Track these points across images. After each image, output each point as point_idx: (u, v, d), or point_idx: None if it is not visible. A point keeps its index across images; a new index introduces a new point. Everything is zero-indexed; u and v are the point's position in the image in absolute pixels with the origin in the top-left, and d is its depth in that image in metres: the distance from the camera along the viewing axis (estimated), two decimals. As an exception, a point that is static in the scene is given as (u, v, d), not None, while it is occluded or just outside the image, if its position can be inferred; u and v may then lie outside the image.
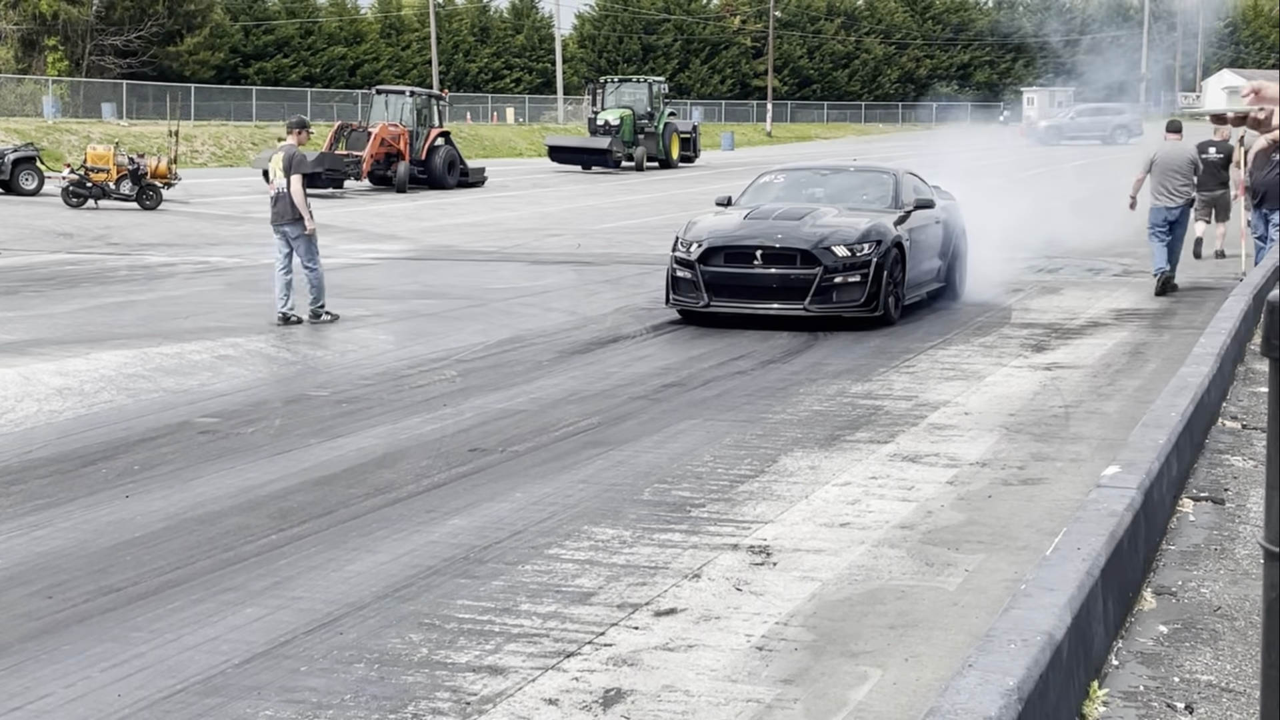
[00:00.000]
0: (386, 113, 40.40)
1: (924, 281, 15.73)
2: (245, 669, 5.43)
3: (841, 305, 14.12)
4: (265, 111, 63.44)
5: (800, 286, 14.09)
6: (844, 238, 14.21)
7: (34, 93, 59.41)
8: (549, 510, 7.71)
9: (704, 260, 14.43)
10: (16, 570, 6.64)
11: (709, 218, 15.37)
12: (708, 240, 14.53)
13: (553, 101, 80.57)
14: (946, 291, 16.53)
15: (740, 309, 14.29)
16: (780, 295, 14.15)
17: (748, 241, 14.34)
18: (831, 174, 16.97)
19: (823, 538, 7.20)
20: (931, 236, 15.80)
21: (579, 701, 5.14)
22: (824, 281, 14.04)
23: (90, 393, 10.92)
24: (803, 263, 14.09)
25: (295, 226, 14.86)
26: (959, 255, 16.82)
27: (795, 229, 14.37)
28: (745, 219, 14.88)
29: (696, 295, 14.46)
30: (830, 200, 15.61)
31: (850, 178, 16.57)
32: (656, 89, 52.60)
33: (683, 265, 14.58)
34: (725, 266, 14.35)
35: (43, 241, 24.39)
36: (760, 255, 14.20)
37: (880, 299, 14.20)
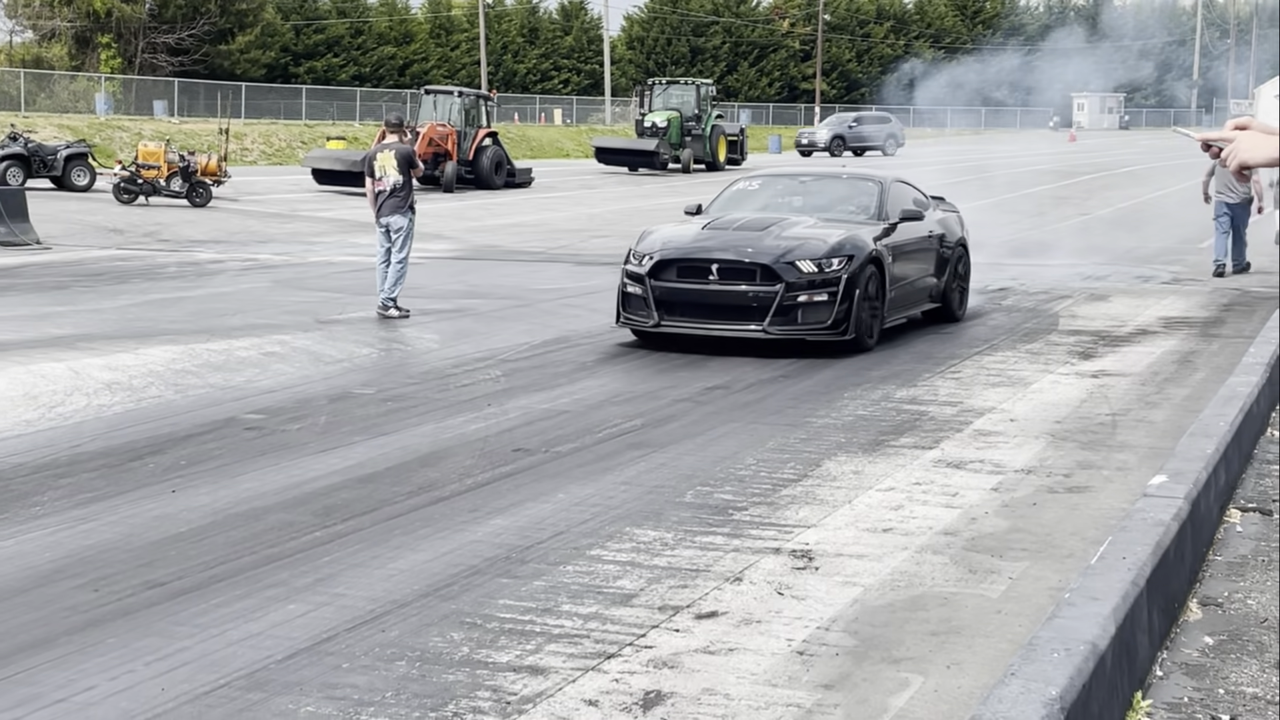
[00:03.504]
0: (435, 113, 40.55)
1: (913, 301, 14.44)
2: (288, 665, 5.46)
3: (806, 327, 12.66)
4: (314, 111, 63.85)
5: (759, 305, 12.65)
6: (811, 251, 12.80)
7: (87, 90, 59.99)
8: (591, 511, 7.71)
9: (655, 274, 13.01)
10: (63, 563, 6.70)
11: (667, 227, 14.06)
12: (659, 252, 13.13)
13: (600, 103, 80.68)
14: (943, 313, 15.22)
15: (692, 329, 12.89)
16: (737, 315, 12.72)
17: (702, 254, 12.96)
18: (813, 181, 15.52)
19: (865, 543, 7.18)
20: (923, 251, 14.56)
21: (619, 703, 5.14)
22: (786, 300, 12.59)
23: (138, 388, 11.01)
24: (763, 279, 12.65)
25: (399, 218, 15.27)
26: (958, 273, 15.48)
27: (756, 241, 12.99)
28: (704, 229, 13.54)
29: (647, 313, 13.06)
30: (808, 210, 14.33)
31: (833, 186, 15.15)
32: (704, 91, 52.57)
33: (633, 279, 13.20)
34: (678, 281, 12.94)
35: (94, 237, 24.61)
36: (716, 270, 12.80)
37: (851, 321, 12.74)
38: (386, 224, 15.36)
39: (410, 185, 15.44)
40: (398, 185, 15.33)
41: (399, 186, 15.33)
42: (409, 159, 15.43)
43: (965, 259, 15.68)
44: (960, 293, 15.53)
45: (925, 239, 14.58)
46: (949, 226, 15.38)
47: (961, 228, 15.78)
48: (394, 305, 15.28)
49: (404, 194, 15.36)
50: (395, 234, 15.32)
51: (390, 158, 15.34)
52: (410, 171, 15.43)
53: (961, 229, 15.75)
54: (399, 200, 15.34)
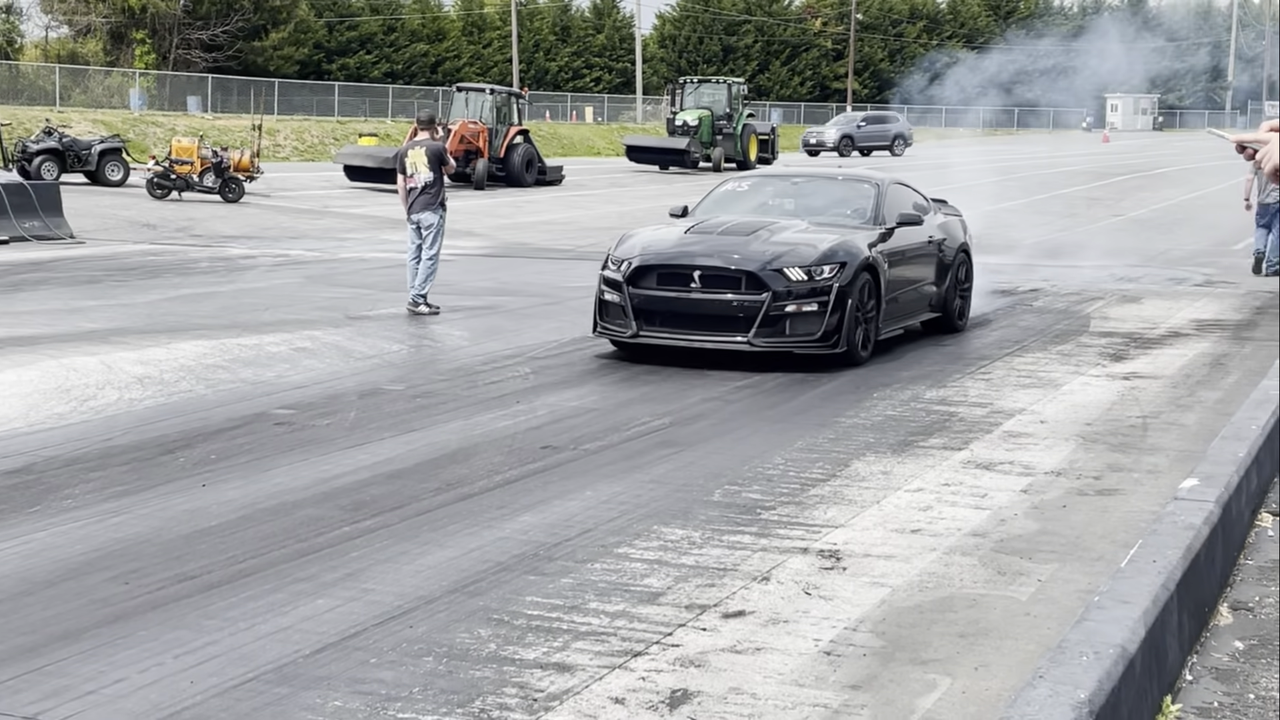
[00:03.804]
0: (466, 110, 40.61)
1: (910, 311, 13.65)
2: (315, 659, 5.48)
3: (794, 339, 11.90)
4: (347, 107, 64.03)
5: (744, 315, 11.87)
6: (800, 258, 12.00)
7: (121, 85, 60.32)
8: (619, 509, 7.72)
9: (633, 281, 12.21)
10: (94, 556, 6.74)
11: (647, 231, 13.24)
12: (638, 257, 12.30)
13: (632, 101, 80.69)
14: (943, 322, 14.41)
15: (672, 340, 12.07)
16: (720, 325, 11.94)
17: (684, 260, 12.13)
18: (805, 183, 14.72)
19: (894, 543, 7.16)
20: (922, 258, 13.77)
21: (645, 701, 5.14)
22: (773, 310, 11.82)
23: (170, 382, 11.06)
24: (748, 287, 11.87)
25: (430, 214, 15.36)
26: (961, 280, 14.67)
27: (742, 247, 12.19)
28: (687, 233, 12.72)
29: (624, 323, 12.25)
30: (801, 213, 13.51)
31: (826, 188, 14.33)
32: (735, 90, 52.51)
33: (610, 286, 12.40)
34: (658, 289, 12.13)
35: (127, 232, 24.74)
36: (699, 277, 11.99)
37: (843, 332, 11.98)
38: (417, 220, 15.41)
39: (441, 182, 15.48)
40: (429, 182, 15.38)
41: (430, 183, 15.38)
42: (440, 156, 15.48)
43: (968, 266, 14.92)
44: (962, 301, 14.76)
45: (924, 245, 13.80)
46: (950, 231, 14.61)
47: (964, 232, 15.07)
48: (424, 302, 15.32)
49: (435, 191, 15.41)
50: (426, 231, 15.37)
51: (421, 155, 15.40)
52: (441, 169, 15.47)
53: (964, 234, 15.03)
54: (430, 197, 15.39)
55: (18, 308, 15.16)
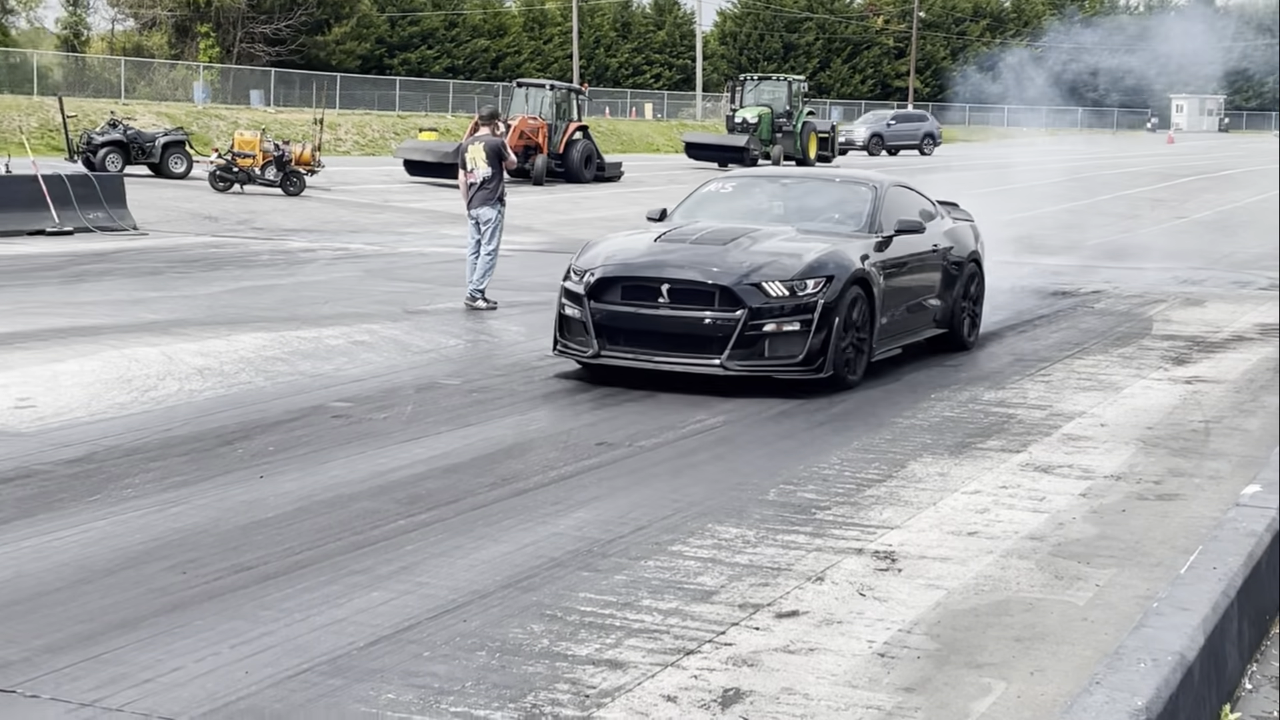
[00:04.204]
0: (526, 106, 40.70)
1: (911, 327, 12.45)
2: (369, 651, 5.50)
3: (773, 362, 10.70)
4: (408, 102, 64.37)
5: (716, 335, 10.68)
6: (781, 271, 10.80)
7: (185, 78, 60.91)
8: (673, 506, 7.71)
9: (595, 294, 11.03)
10: (153, 545, 6.80)
11: (616, 237, 12.22)
12: (601, 268, 11.12)
13: (691, 98, 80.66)
14: (950, 339, 13.15)
15: (637, 361, 10.86)
16: (690, 345, 10.75)
17: (650, 272, 10.94)
18: (796, 184, 13.41)
19: (950, 546, 7.12)
20: (925, 268, 12.56)
21: (698, 700, 5.13)
22: (749, 329, 10.62)
23: (229, 373, 11.15)
24: (722, 302, 10.68)
25: (488, 210, 15.43)
26: (970, 292, 13.39)
27: (717, 257, 10.96)
28: (657, 241, 11.50)
29: (585, 341, 11.11)
30: (789, 219, 12.28)
31: (819, 190, 13.08)
32: (796, 87, 52.37)
33: (571, 300, 11.23)
34: (622, 304, 10.96)
35: (189, 224, 24.96)
36: (667, 291, 10.80)
37: (828, 355, 10.76)
38: (476, 216, 15.48)
39: (500, 178, 15.53)
40: (487, 177, 15.44)
41: (489, 179, 15.44)
42: (498, 152, 15.53)
43: (978, 277, 13.65)
44: (971, 316, 13.49)
45: (928, 254, 12.58)
46: (959, 238, 13.36)
47: (975, 240, 13.80)
48: (482, 297, 15.37)
49: (493, 186, 15.47)
50: (484, 226, 15.43)
51: (480, 150, 15.46)
52: (500, 164, 15.51)
53: (975, 241, 13.76)
54: (488, 192, 15.45)
55: (81, 298, 15.33)
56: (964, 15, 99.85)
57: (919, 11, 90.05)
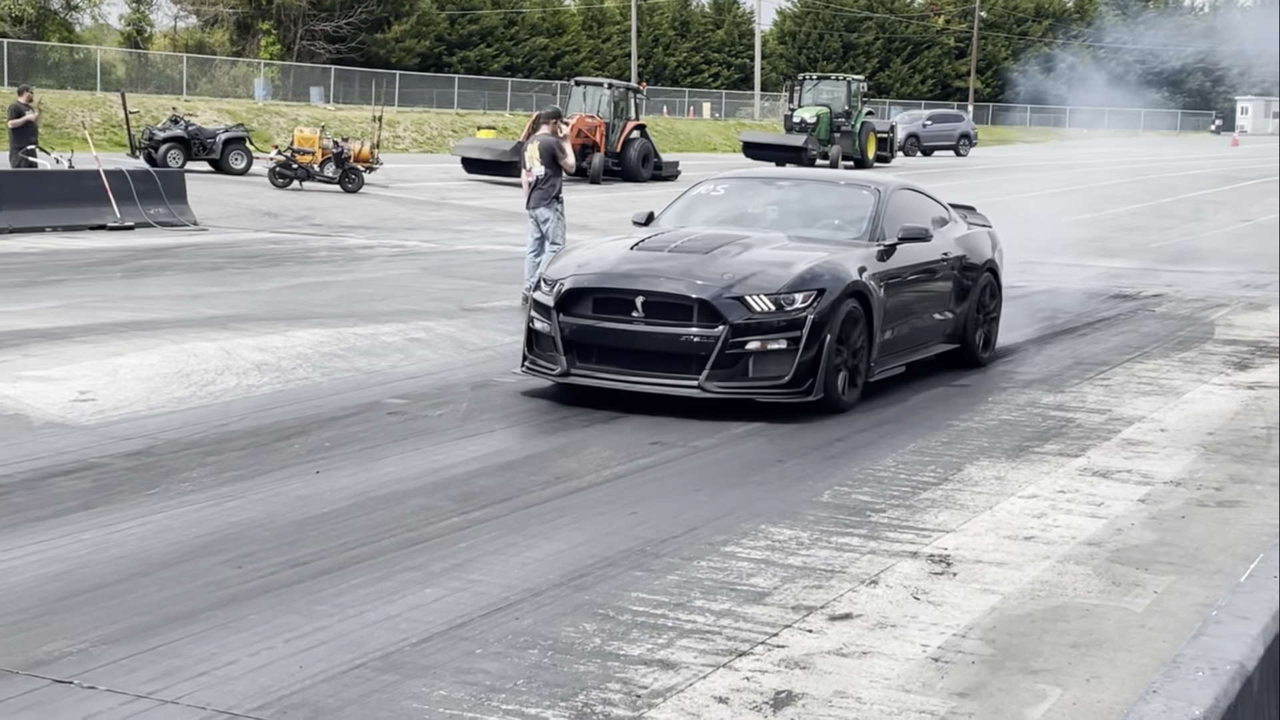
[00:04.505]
0: (584, 104, 40.77)
1: (917, 342, 11.55)
2: (422, 648, 5.52)
3: (756, 384, 9.86)
4: (466, 100, 64.62)
5: (695, 353, 9.84)
6: (768, 283, 9.94)
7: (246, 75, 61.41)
8: (727, 507, 7.69)
9: (565, 307, 10.20)
10: (209, 539, 6.84)
11: (592, 245, 11.47)
12: (571, 278, 10.29)
13: (750, 97, 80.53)
14: (962, 354, 12.24)
15: (608, 381, 10.02)
16: (666, 364, 9.90)
17: (623, 283, 10.09)
18: (792, 187, 12.41)
19: (1006, 550, 7.06)
20: (933, 278, 11.68)
21: (749, 701, 5.11)
22: (730, 347, 9.77)
23: (287, 369, 11.22)
24: (702, 317, 9.82)
25: (544, 209, 15.53)
26: (985, 304, 12.45)
27: (698, 268, 10.11)
28: (633, 249, 10.60)
29: (554, 358, 10.28)
30: (783, 225, 11.42)
31: (817, 194, 12.18)
32: (855, 87, 52.19)
33: (540, 312, 10.41)
34: (593, 318, 10.12)
35: (248, 220, 25.16)
36: (641, 304, 9.93)
37: (818, 376, 9.90)
38: (534, 215, 15.55)
39: (556, 177, 15.56)
40: (541, 177, 15.51)
41: (543, 178, 15.50)
42: (550, 151, 15.56)
43: (994, 287, 12.66)
44: (986, 329, 12.53)
45: (937, 263, 11.69)
46: (973, 246, 12.43)
47: (992, 247, 12.83)
48: None
49: (548, 186, 15.50)
50: (542, 224, 15.50)
51: (535, 149, 15.54)
52: (555, 164, 15.53)
53: (991, 249, 12.81)
54: (543, 192, 15.51)
55: (142, 292, 15.47)
56: (1025, 15, 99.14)
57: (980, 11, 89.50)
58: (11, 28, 57.89)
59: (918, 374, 11.80)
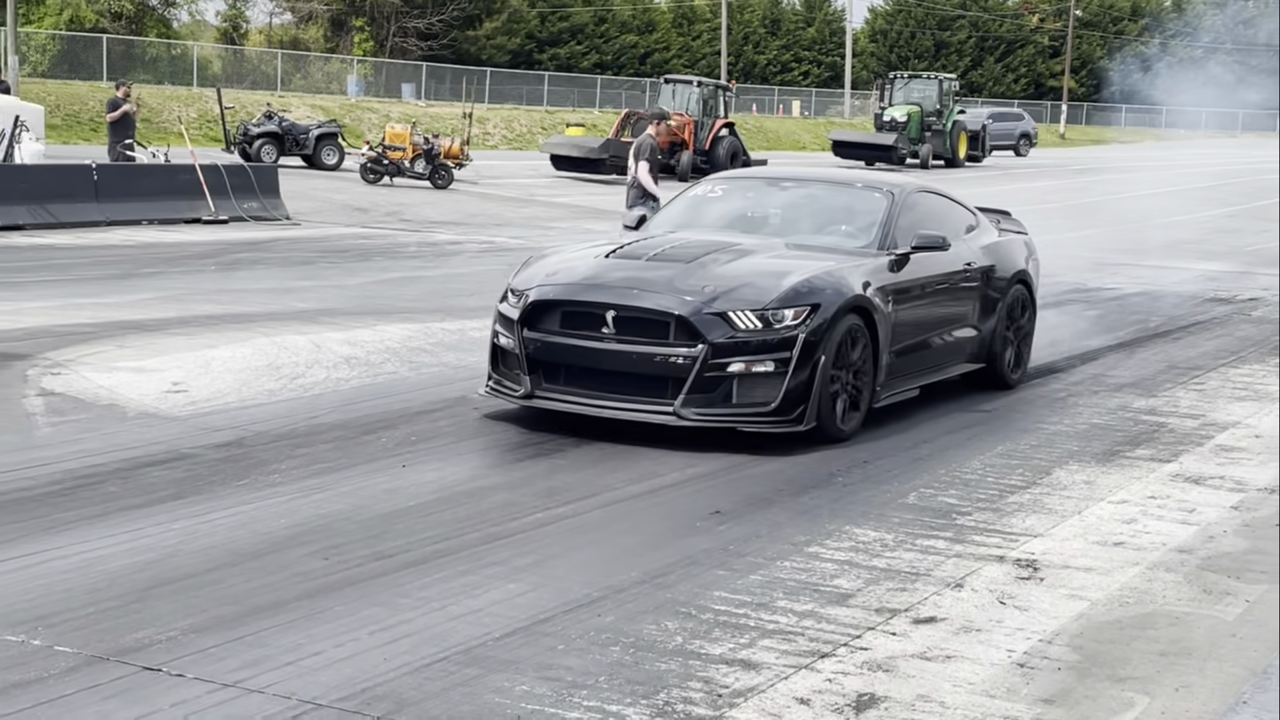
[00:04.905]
0: (673, 102, 40.76)
1: (935, 362, 10.49)
2: (504, 643, 5.54)
3: (739, 411, 8.81)
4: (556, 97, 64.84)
5: (671, 375, 8.81)
6: (754, 297, 8.91)
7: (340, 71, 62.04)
8: (811, 507, 7.65)
9: (530, 321, 9.23)
10: (297, 531, 6.92)
11: (565, 251, 10.35)
12: (537, 289, 9.29)
13: (840, 96, 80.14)
14: (989, 375, 11.12)
15: (575, 405, 9.04)
16: (638, 387, 8.90)
17: (594, 295, 9.07)
18: (797, 189, 11.20)
19: (1094, 555, 6.97)
20: (954, 291, 10.60)
21: (831, 703, 5.08)
22: (710, 369, 8.73)
23: (375, 363, 11.31)
24: (678, 335, 8.80)
25: (639, 208, 15.67)
26: (1016, 319, 11.34)
27: (677, 278, 9.07)
28: (609, 256, 9.58)
29: (518, 377, 9.33)
30: (785, 230, 10.44)
31: (823, 196, 10.98)
32: (947, 86, 51.79)
33: (505, 326, 9.45)
34: (561, 334, 9.13)
35: (340, 215, 25.41)
36: (612, 319, 8.94)
37: (811, 402, 8.86)
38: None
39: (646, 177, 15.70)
40: (634, 178, 15.68)
41: (636, 179, 15.71)
42: (638, 152, 15.72)
43: (1026, 301, 11.54)
44: (1017, 347, 11.41)
45: (958, 274, 10.59)
46: (1002, 254, 11.28)
47: (1025, 257, 11.68)
48: None
49: (640, 186, 15.70)
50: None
51: (631, 150, 15.75)
52: (647, 163, 15.68)
53: (1025, 258, 11.64)
54: (638, 191, 15.67)
55: (234, 286, 15.68)
56: (1121, 14, 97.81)
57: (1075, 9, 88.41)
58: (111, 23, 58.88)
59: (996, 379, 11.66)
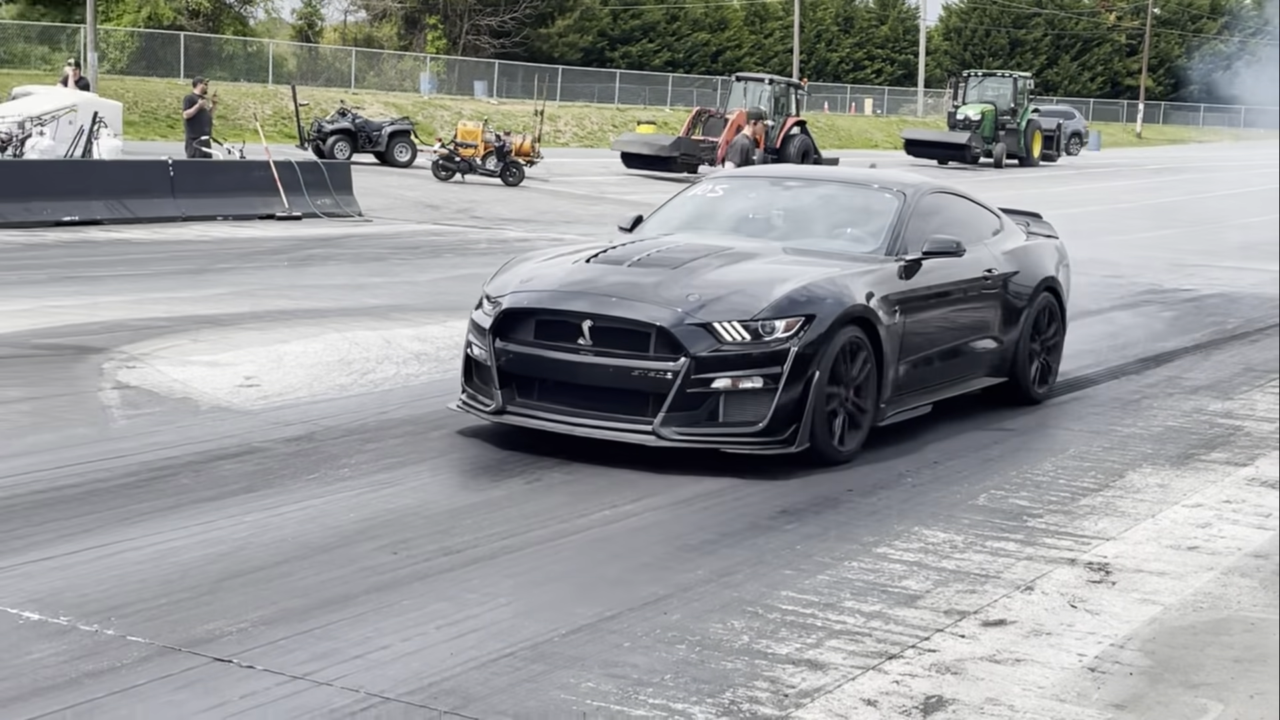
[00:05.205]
0: (745, 100, 40.69)
1: (950, 377, 9.78)
2: (571, 639, 5.54)
3: (725, 431, 8.16)
4: (627, 95, 64.90)
5: (651, 391, 8.16)
6: (742, 306, 8.23)
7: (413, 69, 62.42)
8: (879, 507, 7.61)
9: (503, 331, 8.60)
10: (366, 525, 6.96)
11: (543, 256, 9.53)
12: (510, 296, 8.67)
13: (913, 94, 79.68)
14: (1011, 389, 10.42)
15: (548, 423, 8.38)
16: (616, 403, 8.24)
17: (569, 304, 8.43)
18: (802, 190, 10.43)
19: (1167, 560, 6.88)
20: (973, 300, 9.89)
21: (898, 705, 5.05)
22: (692, 384, 8.07)
23: (445, 359, 11.36)
24: (659, 347, 8.15)
25: None
26: (1042, 329, 10.59)
27: (662, 286, 8.40)
28: (590, 261, 8.93)
29: (489, 391, 8.71)
30: (788, 233, 9.76)
31: (831, 197, 10.21)
32: (1021, 84, 51.37)
33: (478, 335, 8.82)
34: (535, 345, 8.49)
35: (411, 212, 25.56)
36: (588, 329, 8.30)
37: (804, 421, 8.18)
38: None
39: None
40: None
41: None
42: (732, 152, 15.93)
43: (1055, 309, 10.76)
44: (1044, 360, 10.67)
45: (976, 282, 9.88)
46: (1028, 260, 10.54)
47: (1056, 262, 10.92)
48: None
49: None
50: None
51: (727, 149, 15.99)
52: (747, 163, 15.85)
53: (1055, 264, 10.88)
54: None
55: (307, 281, 15.81)
56: (1200, 11, 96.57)
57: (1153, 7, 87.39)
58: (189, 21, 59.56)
59: (1084, 378, 11.54)
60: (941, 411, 9.77)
